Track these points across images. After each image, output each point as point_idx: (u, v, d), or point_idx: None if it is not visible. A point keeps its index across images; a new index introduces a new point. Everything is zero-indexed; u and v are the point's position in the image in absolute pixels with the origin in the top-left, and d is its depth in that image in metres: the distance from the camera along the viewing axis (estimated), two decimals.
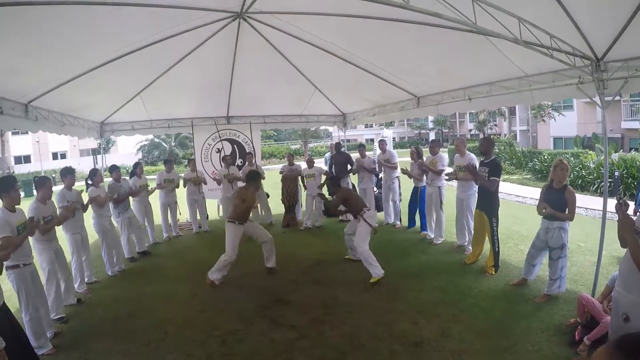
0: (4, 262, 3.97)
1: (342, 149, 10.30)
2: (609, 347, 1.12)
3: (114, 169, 7.38)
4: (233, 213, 6.10)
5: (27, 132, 28.42)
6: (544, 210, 4.78)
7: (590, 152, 17.39)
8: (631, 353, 1.07)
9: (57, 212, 5.16)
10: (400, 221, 9.08)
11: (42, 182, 4.90)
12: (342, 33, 5.94)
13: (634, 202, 7.47)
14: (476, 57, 5.66)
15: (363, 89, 8.67)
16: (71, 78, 6.03)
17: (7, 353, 2.95)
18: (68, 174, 5.81)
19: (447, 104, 7.72)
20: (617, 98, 20.23)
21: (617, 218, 3.07)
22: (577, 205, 4.77)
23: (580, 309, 4.07)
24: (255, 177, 6.36)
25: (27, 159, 38.53)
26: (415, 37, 5.50)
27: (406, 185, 9.01)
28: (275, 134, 47.95)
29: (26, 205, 4.47)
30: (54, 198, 5.26)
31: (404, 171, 8.30)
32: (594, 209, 10.00)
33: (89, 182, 6.51)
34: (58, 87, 6.17)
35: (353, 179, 10.02)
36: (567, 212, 4.64)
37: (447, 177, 7.26)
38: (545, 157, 18.09)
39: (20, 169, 34.23)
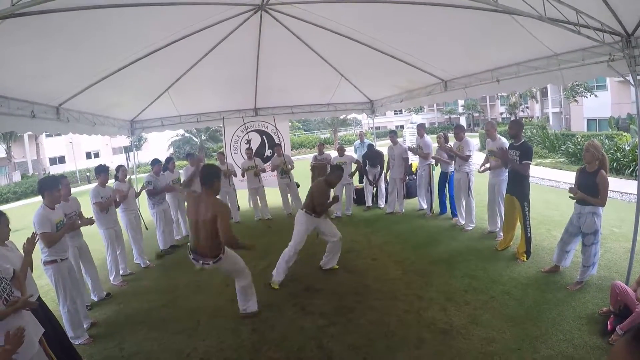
0: (42, 258, 4.23)
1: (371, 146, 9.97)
2: (626, 339, 1.08)
3: (155, 163, 7.75)
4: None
5: (59, 134, 29.29)
6: (572, 194, 4.65)
7: (625, 133, 16.65)
8: None
9: (83, 208, 5.37)
10: (432, 211, 8.81)
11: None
12: (364, 19, 5.86)
13: None
14: (502, 37, 5.48)
15: (389, 74, 8.53)
16: (100, 79, 6.18)
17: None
18: (102, 172, 6.07)
19: (475, 86, 7.50)
20: None
21: None
22: (611, 189, 4.59)
23: (614, 297, 3.94)
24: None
25: (61, 160, 39.90)
26: (439, 19, 5.38)
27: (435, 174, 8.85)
28: (304, 124, 47.88)
29: None
30: (87, 195, 5.45)
31: (434, 158, 8.22)
32: (629, 193, 9.63)
33: (117, 176, 6.82)
34: (87, 89, 6.34)
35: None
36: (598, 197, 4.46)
37: (480, 171, 7.00)
38: (579, 139, 17.40)
39: (55, 170, 35.58)
